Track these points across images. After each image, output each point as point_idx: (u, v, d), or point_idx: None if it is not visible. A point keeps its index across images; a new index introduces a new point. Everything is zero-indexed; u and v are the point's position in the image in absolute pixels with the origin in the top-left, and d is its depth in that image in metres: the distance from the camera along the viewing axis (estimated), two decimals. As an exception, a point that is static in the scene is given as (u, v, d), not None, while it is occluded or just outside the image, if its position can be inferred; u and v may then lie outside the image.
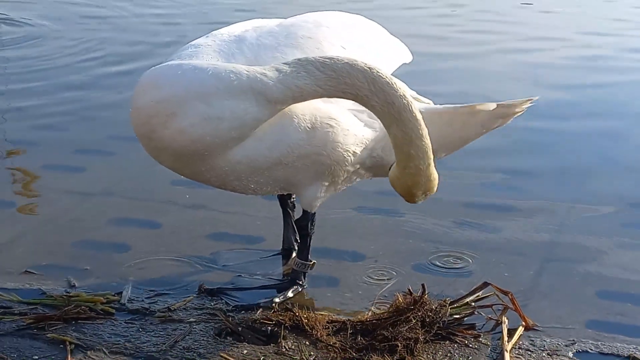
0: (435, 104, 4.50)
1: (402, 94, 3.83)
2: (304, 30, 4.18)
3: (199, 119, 3.85)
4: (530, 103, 4.41)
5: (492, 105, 4.33)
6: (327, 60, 3.83)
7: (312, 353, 3.96)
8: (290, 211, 4.79)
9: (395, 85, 3.83)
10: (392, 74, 4.28)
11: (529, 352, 4.04)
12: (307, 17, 4.31)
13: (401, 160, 3.96)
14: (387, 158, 4.27)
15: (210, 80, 3.85)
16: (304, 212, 4.37)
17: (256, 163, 4.00)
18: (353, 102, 4.08)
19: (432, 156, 3.96)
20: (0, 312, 4.20)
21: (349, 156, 4.16)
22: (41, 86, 7.85)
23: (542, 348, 4.07)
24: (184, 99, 3.85)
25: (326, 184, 4.25)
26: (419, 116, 3.86)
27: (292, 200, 4.79)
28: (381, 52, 4.36)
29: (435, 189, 4.12)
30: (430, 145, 3.93)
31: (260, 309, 4.25)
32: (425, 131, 3.88)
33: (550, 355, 4.02)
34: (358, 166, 4.26)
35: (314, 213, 4.37)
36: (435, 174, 4.05)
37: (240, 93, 3.84)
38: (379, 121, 3.99)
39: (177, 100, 3.86)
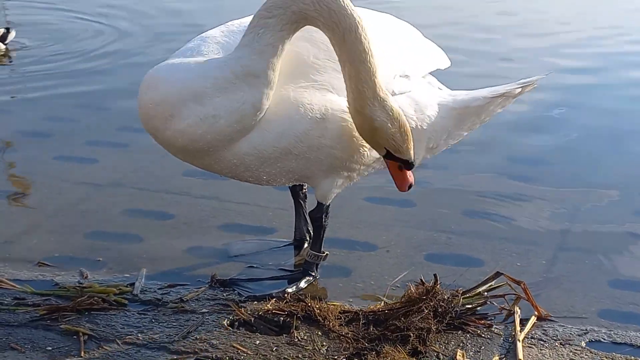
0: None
1: (349, 12, 3.71)
2: None
3: (195, 120, 3.87)
4: (544, 75, 4.52)
5: (518, 89, 4.40)
6: (269, 3, 3.79)
7: (324, 343, 3.96)
8: (302, 202, 4.77)
9: (343, 3, 3.71)
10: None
11: (542, 342, 4.04)
12: None
13: (348, 93, 3.86)
14: None
15: (197, 81, 3.87)
16: (319, 203, 4.35)
17: (264, 154, 3.99)
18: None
19: (377, 105, 3.82)
20: (14, 303, 4.22)
21: (365, 151, 4.11)
22: (53, 77, 7.86)
23: (554, 338, 4.07)
24: (177, 101, 3.88)
25: (342, 177, 4.22)
26: (368, 44, 3.72)
27: (304, 191, 4.78)
28: (407, 53, 4.27)
29: (396, 145, 3.93)
30: (378, 86, 3.78)
31: (273, 300, 4.24)
32: (374, 67, 3.74)
33: (563, 345, 4.01)
34: (376, 158, 4.22)
35: (329, 205, 4.35)
36: (385, 128, 3.87)
37: (229, 85, 3.83)
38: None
39: (171, 102, 3.89)
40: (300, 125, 3.95)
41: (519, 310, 4.19)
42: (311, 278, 4.45)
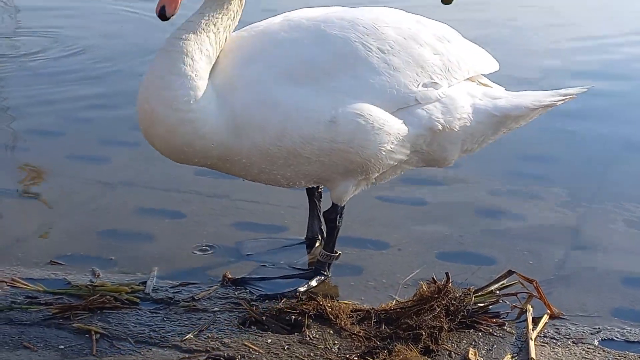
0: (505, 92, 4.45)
1: None
2: (335, 28, 4.05)
3: (160, 142, 4.01)
4: (586, 88, 4.59)
5: (560, 101, 4.44)
6: None
7: (336, 342, 3.96)
8: (317, 201, 4.75)
9: None
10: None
11: (554, 341, 4.03)
12: (345, 13, 4.16)
13: None
14: (437, 153, 4.23)
15: (143, 103, 4.01)
16: (333, 204, 4.34)
17: (269, 153, 3.97)
18: (389, 98, 4.02)
19: None
20: (27, 302, 4.23)
21: (383, 154, 4.06)
22: (66, 77, 7.87)
23: (567, 336, 4.06)
24: (147, 135, 4.07)
25: (359, 180, 4.20)
26: None
27: (320, 190, 4.76)
28: (438, 60, 4.16)
29: None
30: None
31: (284, 298, 4.25)
32: None
33: (576, 344, 4.00)
34: (401, 161, 4.18)
35: (343, 206, 4.34)
36: None
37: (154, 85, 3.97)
38: (419, 117, 4.01)
39: (146, 135, 4.08)
40: (303, 126, 3.93)
41: (531, 309, 4.19)
42: (323, 277, 4.44)
